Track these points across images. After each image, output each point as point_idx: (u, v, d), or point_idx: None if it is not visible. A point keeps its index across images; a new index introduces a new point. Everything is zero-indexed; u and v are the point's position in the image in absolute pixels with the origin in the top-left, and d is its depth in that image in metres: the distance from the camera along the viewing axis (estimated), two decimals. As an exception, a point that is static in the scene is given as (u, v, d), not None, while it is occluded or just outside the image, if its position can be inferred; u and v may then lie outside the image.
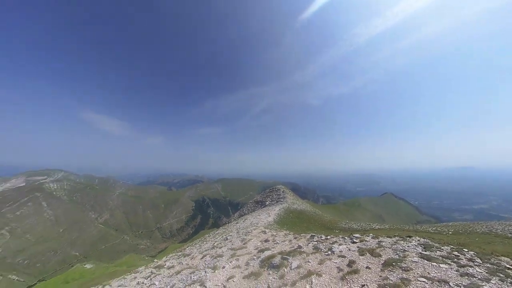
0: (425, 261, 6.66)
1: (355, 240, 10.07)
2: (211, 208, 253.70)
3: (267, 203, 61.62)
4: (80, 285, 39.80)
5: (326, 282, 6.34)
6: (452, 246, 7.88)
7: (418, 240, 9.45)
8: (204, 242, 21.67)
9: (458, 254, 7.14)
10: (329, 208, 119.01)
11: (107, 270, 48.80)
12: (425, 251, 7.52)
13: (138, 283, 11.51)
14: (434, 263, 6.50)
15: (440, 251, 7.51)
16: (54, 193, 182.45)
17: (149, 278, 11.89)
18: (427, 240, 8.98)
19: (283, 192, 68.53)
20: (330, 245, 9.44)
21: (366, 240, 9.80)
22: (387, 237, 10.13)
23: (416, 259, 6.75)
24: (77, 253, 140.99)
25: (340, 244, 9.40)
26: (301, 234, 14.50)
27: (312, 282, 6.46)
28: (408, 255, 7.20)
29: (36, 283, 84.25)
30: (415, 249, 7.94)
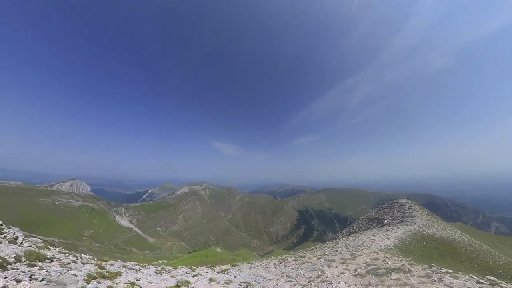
0: None
1: (482, 281, 8.78)
2: (315, 220, 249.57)
3: (385, 221, 52.91)
4: (215, 261, 57.49)
5: (417, 294, 7.70)
6: None
7: None
8: (314, 251, 25.77)
9: None
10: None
11: (229, 256, 67.70)
12: None
13: (275, 264, 17.66)
14: None
15: None
16: (203, 197, 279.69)
17: (283, 262, 17.88)
18: None
19: (409, 208, 54.88)
20: (445, 276, 9.37)
21: (500, 286, 8.31)
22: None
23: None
24: (213, 239, 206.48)
25: (456, 278, 8.91)
26: (422, 265, 13.72)
27: (405, 290, 8.16)
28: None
29: (191, 252, 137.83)
30: None
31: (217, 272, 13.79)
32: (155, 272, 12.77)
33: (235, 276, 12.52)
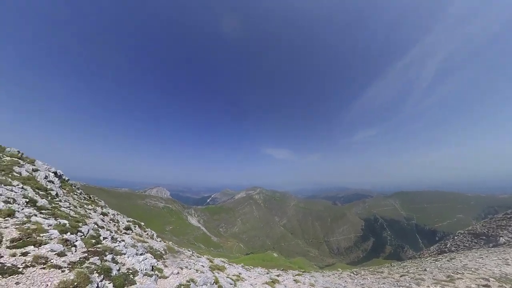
0: None
1: None
2: (387, 232, 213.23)
3: (500, 239, 40.04)
4: (272, 266, 57.88)
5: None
6: None
7: None
8: (393, 268, 23.14)
9: None
10: None
11: (285, 263, 67.33)
12: None
13: (349, 275, 17.22)
14: None
15: None
16: (258, 201, 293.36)
17: (358, 275, 17.15)
18: None
19: (550, 221, 39.80)
20: None
21: None
22: None
23: None
24: (269, 243, 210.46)
25: None
26: None
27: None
28: None
29: (249, 253, 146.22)
30: None
31: (294, 275, 15.40)
32: (242, 268, 15.72)
33: (315, 281, 13.75)
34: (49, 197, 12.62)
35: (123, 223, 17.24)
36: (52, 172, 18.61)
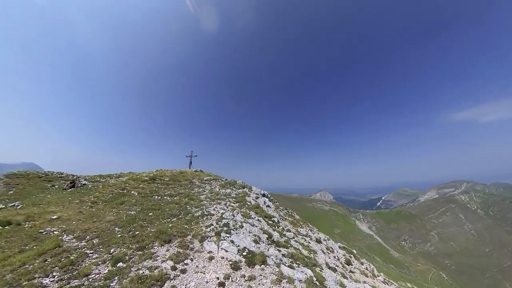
0: None
1: None
2: None
3: None
4: None
5: None
6: None
7: None
8: None
9: None
10: None
11: None
12: None
13: None
14: None
15: None
16: (468, 205, 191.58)
17: None
18: None
19: None
20: None
21: None
22: None
23: None
24: (508, 285, 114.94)
25: None
26: None
27: None
28: None
29: None
30: None
31: None
32: None
33: None
34: (275, 226, 13.53)
35: (337, 251, 15.07)
36: (262, 195, 22.22)
